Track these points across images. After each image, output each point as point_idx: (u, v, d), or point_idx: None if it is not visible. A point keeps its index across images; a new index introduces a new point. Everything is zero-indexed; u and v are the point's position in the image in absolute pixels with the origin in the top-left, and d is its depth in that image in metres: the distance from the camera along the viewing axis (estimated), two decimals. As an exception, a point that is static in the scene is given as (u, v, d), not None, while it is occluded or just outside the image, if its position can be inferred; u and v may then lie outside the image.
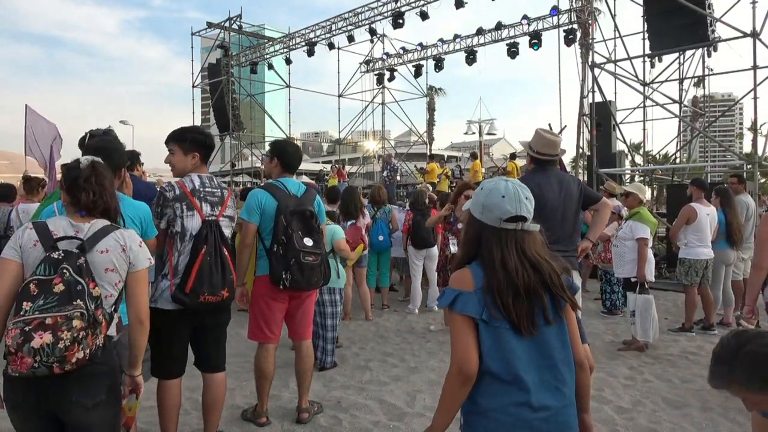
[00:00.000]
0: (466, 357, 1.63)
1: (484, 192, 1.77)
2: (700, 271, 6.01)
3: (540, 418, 1.63)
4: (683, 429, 3.62)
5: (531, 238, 1.75)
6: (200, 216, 2.98)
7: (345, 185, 15.55)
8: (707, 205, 6.14)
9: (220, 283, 2.93)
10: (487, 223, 1.74)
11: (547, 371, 1.67)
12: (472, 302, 1.66)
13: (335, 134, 25.58)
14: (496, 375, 1.65)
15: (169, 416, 3.03)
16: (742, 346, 1.57)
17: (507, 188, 1.73)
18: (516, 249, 1.71)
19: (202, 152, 3.10)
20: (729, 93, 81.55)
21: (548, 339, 1.69)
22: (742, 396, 1.62)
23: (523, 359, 1.65)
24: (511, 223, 1.72)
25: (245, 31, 21.44)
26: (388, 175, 16.37)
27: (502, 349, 1.65)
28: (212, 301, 2.91)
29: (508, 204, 1.71)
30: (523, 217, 1.72)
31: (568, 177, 3.87)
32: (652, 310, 5.23)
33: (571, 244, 3.68)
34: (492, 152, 46.92)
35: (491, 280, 1.67)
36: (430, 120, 27.23)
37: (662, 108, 13.70)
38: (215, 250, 2.93)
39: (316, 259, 3.37)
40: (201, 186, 3.04)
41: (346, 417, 3.80)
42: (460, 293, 1.69)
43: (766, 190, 27.05)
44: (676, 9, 10.30)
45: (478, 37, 17.55)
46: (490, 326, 1.65)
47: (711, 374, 1.65)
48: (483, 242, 1.74)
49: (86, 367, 1.89)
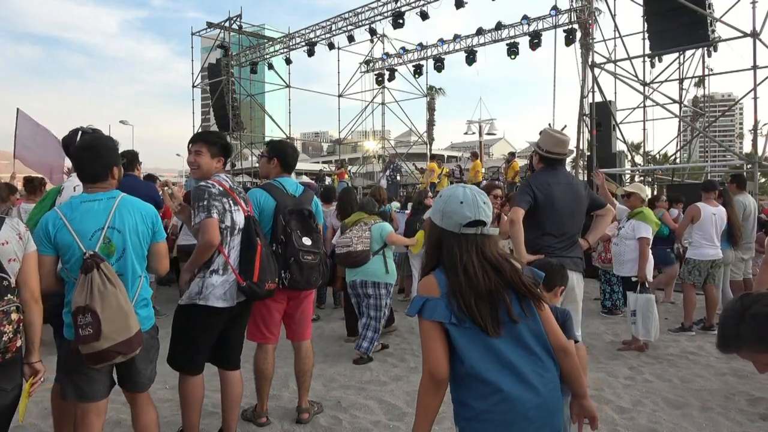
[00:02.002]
0: (436, 363, 1.70)
1: (443, 199, 1.82)
2: (704, 271, 6.00)
3: (531, 407, 1.69)
4: (683, 429, 3.62)
5: (491, 242, 1.81)
6: (243, 211, 3.08)
7: (343, 185, 15.59)
8: (714, 206, 6.12)
9: (276, 271, 3.11)
10: (447, 229, 1.79)
11: (529, 362, 1.74)
12: (439, 308, 1.72)
13: (335, 134, 25.59)
14: (481, 375, 1.69)
15: (196, 408, 3.07)
16: (748, 307, 1.57)
17: (465, 194, 1.79)
18: (476, 252, 1.76)
19: (225, 158, 3.19)
20: (729, 93, 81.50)
21: (521, 333, 1.75)
22: (753, 358, 1.62)
23: (501, 355, 1.71)
24: (470, 228, 1.77)
25: (245, 31, 21.42)
26: (391, 174, 16.38)
27: (480, 348, 1.71)
28: (272, 288, 3.06)
29: (467, 209, 1.76)
30: (482, 221, 1.78)
31: (576, 179, 3.91)
32: (654, 310, 5.23)
33: (576, 245, 3.69)
34: (492, 152, 46.89)
35: (454, 285, 1.73)
36: (430, 120, 27.22)
37: (662, 108, 13.73)
38: (264, 241, 3.10)
39: (315, 259, 3.38)
40: (233, 184, 3.15)
41: (346, 417, 3.79)
42: (427, 300, 1.74)
43: (766, 190, 27.05)
44: (676, 9, 10.31)
45: (478, 37, 17.52)
46: (461, 328, 1.71)
47: (719, 339, 1.66)
48: (444, 248, 1.79)
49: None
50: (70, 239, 2.36)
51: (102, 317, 2.25)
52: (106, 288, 2.30)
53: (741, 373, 4.68)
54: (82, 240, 2.36)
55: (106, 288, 2.30)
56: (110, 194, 2.51)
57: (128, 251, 2.47)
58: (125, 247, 2.47)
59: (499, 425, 1.68)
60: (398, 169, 17.18)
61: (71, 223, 2.37)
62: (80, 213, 2.40)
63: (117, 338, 2.30)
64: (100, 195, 2.48)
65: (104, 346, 2.27)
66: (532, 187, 3.62)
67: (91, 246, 2.37)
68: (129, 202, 2.54)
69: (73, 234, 2.35)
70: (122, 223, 2.46)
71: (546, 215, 3.59)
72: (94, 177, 2.51)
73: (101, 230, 2.40)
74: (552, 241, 3.58)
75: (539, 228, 3.59)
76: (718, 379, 4.58)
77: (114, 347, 2.30)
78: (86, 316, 2.24)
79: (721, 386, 4.42)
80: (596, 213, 3.87)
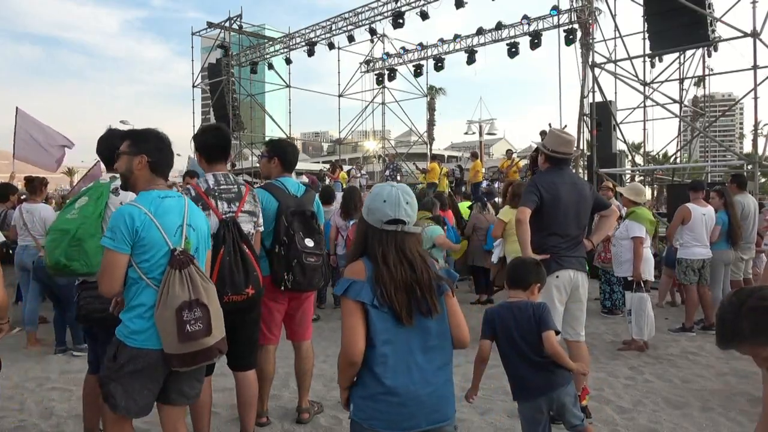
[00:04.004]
0: (351, 341, 1.85)
1: (371, 196, 1.97)
2: (697, 270, 6.01)
3: (427, 393, 1.87)
4: (683, 429, 3.62)
5: (411, 239, 1.94)
6: (216, 215, 2.96)
7: (338, 186, 15.58)
8: (704, 206, 6.13)
9: (243, 282, 2.88)
10: (370, 224, 1.94)
11: (431, 353, 1.91)
12: (364, 290, 1.87)
13: (335, 134, 25.58)
14: (387, 357, 1.86)
15: (200, 415, 3.03)
16: (744, 301, 1.58)
17: (390, 193, 1.92)
18: (395, 248, 1.90)
19: (205, 154, 3.14)
20: (729, 93, 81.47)
21: (428, 327, 1.91)
22: (753, 353, 1.63)
23: (409, 342, 1.88)
24: (390, 225, 1.90)
25: (245, 31, 21.42)
26: (390, 174, 16.38)
27: (390, 332, 1.87)
28: (237, 300, 2.87)
29: (388, 208, 1.90)
30: (401, 220, 1.90)
31: (580, 179, 3.92)
32: (647, 308, 5.22)
33: (581, 245, 3.69)
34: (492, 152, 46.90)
35: (377, 273, 1.88)
36: (431, 120, 27.24)
37: (662, 108, 13.72)
38: (234, 249, 2.88)
39: (317, 260, 3.37)
40: (215, 184, 3.04)
41: (346, 417, 3.78)
42: (353, 282, 1.89)
43: (766, 190, 27.05)
44: (676, 9, 10.30)
45: (478, 37, 17.52)
46: (380, 312, 1.87)
47: (718, 336, 1.67)
48: (368, 240, 1.94)
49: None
50: (157, 236, 2.23)
51: (211, 311, 2.22)
52: (209, 284, 2.27)
53: (741, 373, 4.68)
54: (168, 236, 2.25)
55: (208, 284, 2.27)
56: (176, 193, 2.46)
57: (200, 251, 2.41)
58: (198, 246, 2.40)
59: (393, 405, 1.85)
60: (398, 169, 17.19)
61: (156, 218, 2.25)
62: (163, 208, 2.29)
63: (218, 335, 2.27)
64: (171, 192, 2.41)
65: (212, 342, 2.23)
66: (538, 186, 3.62)
67: (176, 243, 2.27)
68: (191, 202, 2.48)
69: (161, 230, 2.23)
70: (195, 221, 2.41)
71: (551, 215, 3.59)
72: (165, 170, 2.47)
73: (182, 227, 2.31)
74: (557, 241, 3.58)
75: (545, 228, 3.59)
76: (718, 380, 4.58)
77: (218, 344, 2.27)
78: (195, 310, 2.16)
79: (722, 386, 4.42)
80: (600, 214, 3.88)
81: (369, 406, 1.90)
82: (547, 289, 3.34)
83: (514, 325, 2.68)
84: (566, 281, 3.57)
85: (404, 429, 1.87)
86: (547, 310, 2.71)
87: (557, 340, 2.70)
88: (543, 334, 2.62)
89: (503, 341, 2.72)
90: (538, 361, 2.64)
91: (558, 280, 3.53)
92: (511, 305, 2.75)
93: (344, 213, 6.65)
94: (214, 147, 3.15)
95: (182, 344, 2.15)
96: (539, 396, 2.67)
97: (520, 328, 2.67)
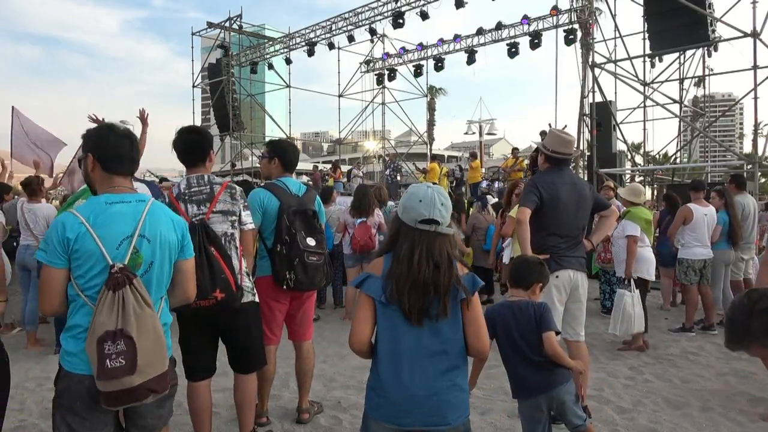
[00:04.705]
0: (356, 330, 1.94)
1: (407, 195, 2.01)
2: (698, 270, 6.01)
3: (425, 395, 1.89)
4: (683, 429, 3.62)
5: (443, 240, 1.95)
6: (186, 219, 2.81)
7: (339, 185, 15.59)
8: (705, 205, 6.13)
9: (209, 286, 2.72)
10: (404, 222, 1.97)
11: (438, 356, 1.92)
12: (375, 285, 1.94)
13: (335, 134, 25.57)
14: (388, 353, 1.92)
15: (199, 419, 3.01)
16: (756, 302, 1.58)
17: (426, 193, 1.95)
18: (425, 247, 1.92)
19: (179, 157, 3.09)
20: (729, 93, 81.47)
21: (440, 330, 1.92)
22: (761, 354, 1.63)
23: (416, 342, 1.90)
24: (425, 225, 1.93)
25: (245, 31, 21.41)
26: (391, 174, 16.39)
27: (395, 330, 1.92)
28: (204, 305, 2.71)
29: (423, 208, 1.93)
30: (435, 220, 1.92)
31: (580, 179, 3.92)
32: (622, 306, 5.16)
33: (581, 245, 3.70)
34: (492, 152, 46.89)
35: (394, 271, 1.92)
36: (431, 120, 27.24)
37: (662, 108, 13.72)
38: (199, 252, 2.70)
39: (319, 259, 3.37)
40: (187, 188, 2.99)
41: (346, 417, 3.80)
42: (369, 276, 1.97)
43: (766, 190, 27.05)
44: (676, 9, 10.29)
45: (478, 37, 17.51)
46: (387, 309, 1.92)
47: (728, 336, 1.67)
48: (399, 237, 1.98)
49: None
50: (93, 247, 1.92)
51: (138, 345, 1.85)
52: (143, 310, 1.90)
53: (741, 373, 4.69)
54: (107, 249, 1.94)
55: (142, 310, 1.90)
56: (139, 197, 2.10)
57: (155, 265, 2.06)
58: (153, 260, 2.05)
59: (388, 400, 1.91)
60: (398, 168, 17.19)
61: (95, 228, 1.94)
62: (107, 216, 1.98)
63: (151, 372, 1.90)
64: (129, 196, 2.07)
65: (137, 382, 1.86)
66: (538, 186, 3.62)
67: (118, 257, 1.95)
68: (160, 207, 2.15)
69: (97, 241, 1.93)
70: (153, 230, 2.05)
71: (551, 215, 3.59)
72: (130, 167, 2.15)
73: (130, 238, 1.99)
74: (557, 241, 3.58)
75: (545, 228, 3.59)
76: (718, 380, 4.58)
77: (148, 383, 1.89)
78: (118, 343, 1.83)
79: (722, 386, 4.42)
80: (600, 214, 3.88)
81: (372, 396, 1.99)
82: (547, 289, 3.33)
83: (515, 325, 2.68)
84: (566, 281, 3.57)
85: (400, 425, 1.91)
86: (548, 311, 2.70)
87: (557, 340, 2.70)
88: (543, 335, 2.62)
89: (503, 340, 2.72)
90: (537, 361, 2.64)
91: (558, 280, 3.53)
92: (512, 305, 2.75)
93: (355, 211, 6.62)
94: (183, 151, 3.08)
95: (101, 381, 1.84)
96: (538, 394, 2.67)
97: (520, 327, 2.67)
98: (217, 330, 3.05)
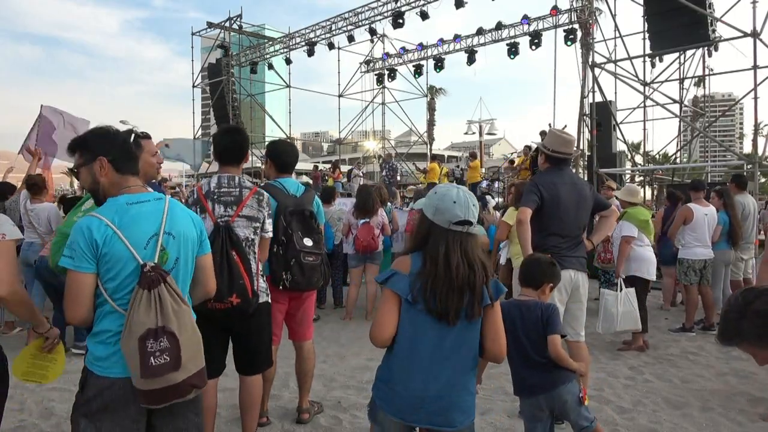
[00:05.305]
0: (381, 323, 1.95)
1: (438, 196, 2.00)
2: (698, 271, 6.01)
3: (435, 395, 1.92)
4: (684, 429, 3.62)
5: (473, 241, 1.99)
6: (211, 219, 2.89)
7: (339, 185, 15.58)
8: (705, 205, 6.14)
9: (226, 290, 2.71)
10: (437, 224, 1.97)
11: (455, 358, 1.94)
12: (403, 282, 1.94)
13: (335, 134, 25.58)
14: (405, 350, 1.94)
15: (204, 420, 2.98)
16: (750, 303, 1.58)
17: (458, 195, 1.97)
18: (460, 248, 1.95)
19: (218, 154, 3.11)
20: (729, 93, 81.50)
21: (462, 332, 1.95)
22: (753, 352, 1.64)
23: (437, 342, 1.92)
24: (458, 226, 1.95)
25: (245, 31, 21.43)
26: (387, 174, 16.38)
27: (417, 328, 1.93)
28: (220, 308, 2.72)
29: (458, 209, 1.94)
30: (470, 221, 1.95)
31: (580, 179, 3.93)
32: (603, 304, 5.13)
33: (581, 245, 3.70)
34: (492, 152, 46.89)
35: (429, 271, 1.92)
36: (431, 120, 27.26)
37: (662, 108, 13.73)
38: (221, 255, 2.73)
39: (316, 260, 3.37)
40: (217, 187, 2.99)
41: (346, 417, 3.80)
42: (395, 273, 1.98)
43: (766, 190, 27.05)
44: (676, 9, 10.29)
45: (478, 37, 17.53)
46: (412, 307, 1.92)
47: (720, 332, 1.67)
48: (431, 239, 1.97)
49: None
50: (122, 249, 1.89)
51: (181, 341, 1.86)
52: (180, 306, 1.90)
53: (741, 373, 4.69)
54: (136, 249, 1.91)
55: (179, 306, 1.90)
56: (155, 195, 2.08)
57: (180, 262, 2.04)
58: (178, 256, 2.03)
59: (397, 395, 1.94)
60: (395, 168, 17.18)
61: (121, 229, 1.90)
62: (130, 217, 1.94)
63: (192, 368, 1.90)
64: (146, 195, 2.05)
65: (181, 378, 1.86)
66: (538, 186, 3.62)
67: (147, 256, 1.92)
68: (176, 203, 2.13)
69: (125, 242, 1.89)
70: (176, 227, 2.04)
71: (551, 215, 3.59)
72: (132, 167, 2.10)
73: (157, 236, 1.96)
74: (557, 241, 3.58)
75: (545, 228, 3.59)
76: (718, 380, 4.59)
77: (190, 379, 1.90)
78: (161, 340, 1.82)
79: (722, 386, 4.42)
80: (600, 214, 3.88)
81: (381, 388, 2.02)
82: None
83: (520, 324, 2.68)
84: (566, 281, 3.57)
85: (406, 420, 1.94)
86: (556, 313, 2.69)
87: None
88: (549, 338, 2.61)
89: (507, 339, 2.72)
90: (540, 362, 2.64)
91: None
92: (520, 304, 2.75)
93: (359, 212, 6.60)
94: (226, 149, 3.11)
95: (145, 380, 1.82)
96: (539, 393, 2.67)
97: (525, 327, 2.67)
98: (230, 331, 3.04)
